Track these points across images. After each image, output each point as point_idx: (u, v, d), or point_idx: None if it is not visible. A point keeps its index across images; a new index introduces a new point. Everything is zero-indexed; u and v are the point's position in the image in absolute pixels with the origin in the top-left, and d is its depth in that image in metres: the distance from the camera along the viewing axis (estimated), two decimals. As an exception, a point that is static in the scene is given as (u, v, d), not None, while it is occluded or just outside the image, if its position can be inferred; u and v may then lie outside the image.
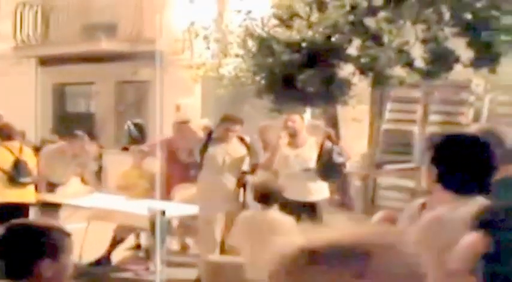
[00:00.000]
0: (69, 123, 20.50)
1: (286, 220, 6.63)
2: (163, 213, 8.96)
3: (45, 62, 21.49)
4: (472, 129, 3.47)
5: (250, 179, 9.06)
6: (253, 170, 9.00)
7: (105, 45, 18.93)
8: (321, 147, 8.93)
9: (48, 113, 22.28)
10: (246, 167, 8.92)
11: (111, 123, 20.62)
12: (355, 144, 13.67)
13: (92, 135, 15.07)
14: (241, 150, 8.91)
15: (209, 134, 9.04)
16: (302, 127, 9.08)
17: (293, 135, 8.95)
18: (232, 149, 8.85)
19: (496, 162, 3.23)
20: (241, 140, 9.07)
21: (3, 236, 2.87)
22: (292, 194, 8.85)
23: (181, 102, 18.52)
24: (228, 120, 8.88)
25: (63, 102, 22.50)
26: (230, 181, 8.80)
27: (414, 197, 10.27)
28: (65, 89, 22.39)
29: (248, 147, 9.00)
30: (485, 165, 3.20)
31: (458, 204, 3.14)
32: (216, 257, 8.70)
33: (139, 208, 9.42)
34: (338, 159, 8.86)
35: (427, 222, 3.23)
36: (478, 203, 3.13)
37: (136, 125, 16.70)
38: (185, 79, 18.26)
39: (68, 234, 2.93)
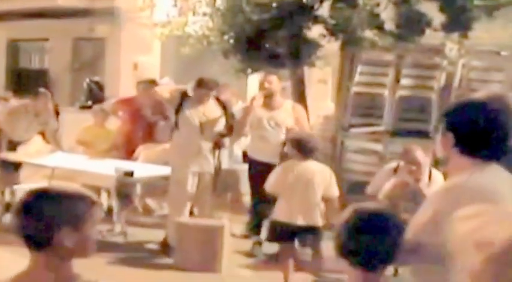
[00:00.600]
0: (23, 79, 20.05)
1: (325, 170, 7.33)
2: (132, 173, 8.76)
3: (-2, 16, 20.93)
4: (481, 95, 3.35)
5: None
6: (229, 130, 8.81)
7: (62, 1, 18.46)
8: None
9: (1, 69, 21.75)
10: (221, 127, 8.72)
11: (67, 80, 20.21)
12: (319, 106, 13.59)
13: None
14: (217, 111, 8.70)
15: (183, 95, 8.78)
16: (278, 89, 8.88)
17: (269, 96, 8.75)
18: (208, 110, 8.63)
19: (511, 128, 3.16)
20: (217, 100, 8.85)
21: (21, 203, 2.65)
22: (264, 156, 8.71)
23: (139, 60, 18.22)
24: (205, 86, 8.62)
25: (17, 58, 21.99)
26: (205, 142, 8.60)
27: (382, 160, 10.23)
28: (18, 45, 21.85)
29: (224, 107, 8.78)
30: (501, 131, 3.12)
31: (475, 170, 3.06)
32: (186, 218, 8.54)
33: (106, 168, 9.20)
34: None
35: (447, 190, 3.14)
36: (494, 168, 3.07)
37: (96, 82, 16.31)
38: (144, 37, 17.93)
39: (93, 203, 2.70)
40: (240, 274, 8.09)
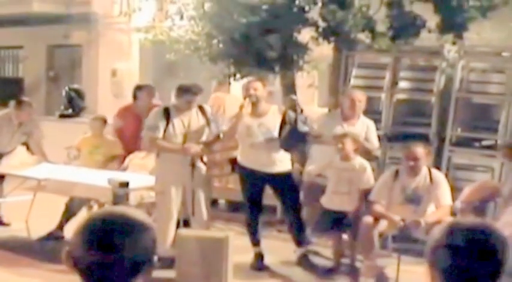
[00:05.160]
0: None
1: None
2: (127, 184, 8.40)
3: (-29, 24, 20.40)
4: None
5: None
6: (214, 140, 8.60)
7: (37, 6, 17.99)
8: (284, 115, 8.47)
9: (-26, 77, 21.30)
10: (205, 137, 8.47)
11: (42, 89, 19.77)
12: (307, 110, 13.30)
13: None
14: (201, 121, 8.43)
15: (166, 109, 8.47)
16: (264, 94, 8.60)
17: (255, 103, 8.47)
18: (193, 121, 8.36)
19: None
20: (201, 109, 8.54)
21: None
22: (256, 164, 8.47)
23: (117, 66, 17.84)
24: (187, 92, 8.34)
25: (-11, 67, 21.54)
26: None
27: (381, 166, 9.99)
28: (-9, 53, 21.41)
29: (207, 117, 8.49)
30: None
31: None
32: (187, 230, 8.21)
33: (98, 179, 8.82)
34: (303, 128, 8.41)
35: None
36: None
37: (75, 90, 15.83)
38: (122, 43, 17.58)
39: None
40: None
